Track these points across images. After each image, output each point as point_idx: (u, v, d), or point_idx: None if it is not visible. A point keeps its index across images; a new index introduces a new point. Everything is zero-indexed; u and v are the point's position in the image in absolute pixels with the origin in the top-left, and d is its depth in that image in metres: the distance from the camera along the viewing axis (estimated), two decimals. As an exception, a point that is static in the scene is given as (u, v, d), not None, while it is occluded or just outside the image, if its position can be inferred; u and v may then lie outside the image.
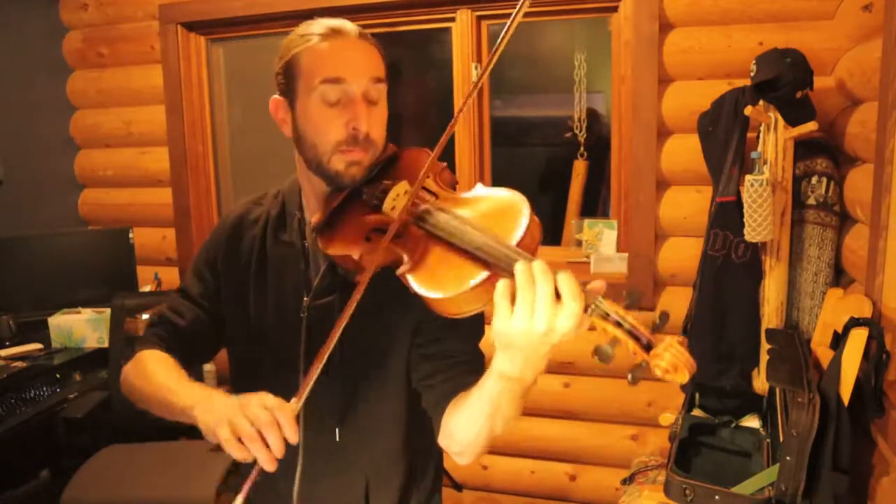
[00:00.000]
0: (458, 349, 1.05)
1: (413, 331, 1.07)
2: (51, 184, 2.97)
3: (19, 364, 2.28)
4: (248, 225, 1.17)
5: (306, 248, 1.11)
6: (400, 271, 0.90)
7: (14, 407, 2.12)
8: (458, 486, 2.67)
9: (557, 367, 2.45)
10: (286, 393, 0.97)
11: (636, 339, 0.74)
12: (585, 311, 0.75)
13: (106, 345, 2.45)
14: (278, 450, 0.83)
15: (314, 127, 1.01)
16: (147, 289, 2.82)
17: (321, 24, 1.02)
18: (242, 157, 3.00)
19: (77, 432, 2.25)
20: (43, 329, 2.48)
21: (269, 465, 0.83)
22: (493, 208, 0.92)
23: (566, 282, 0.75)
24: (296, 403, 0.87)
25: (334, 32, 1.01)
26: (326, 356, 0.88)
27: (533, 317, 0.74)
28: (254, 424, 0.83)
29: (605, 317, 0.75)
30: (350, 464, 1.10)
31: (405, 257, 0.91)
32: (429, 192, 1.00)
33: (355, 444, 1.09)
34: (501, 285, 0.76)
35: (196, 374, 1.09)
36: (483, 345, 1.08)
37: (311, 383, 0.87)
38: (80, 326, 2.48)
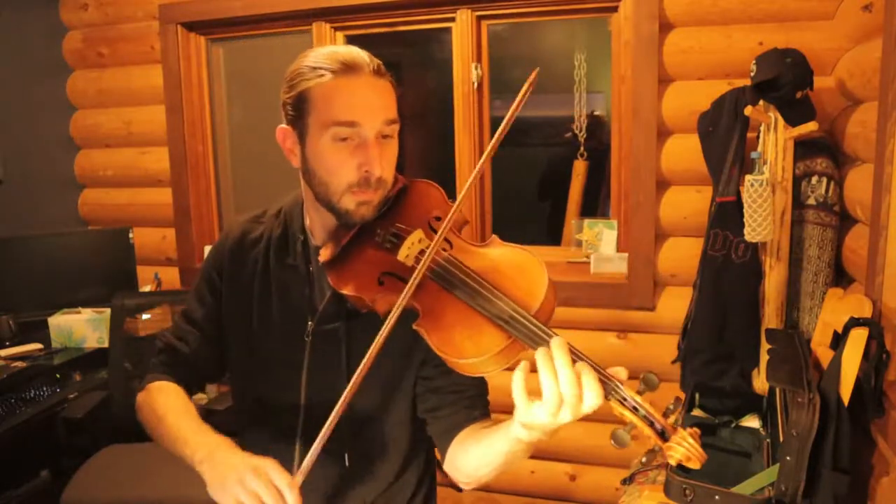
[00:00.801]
0: (464, 383, 1.06)
1: (420, 362, 1.07)
2: (51, 184, 2.97)
3: (19, 364, 2.28)
4: (250, 245, 1.15)
5: (311, 272, 1.10)
6: (417, 326, 0.90)
7: (14, 407, 2.12)
8: (458, 487, 2.67)
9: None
10: (286, 417, 0.99)
11: (651, 425, 0.78)
12: (605, 397, 0.78)
13: (106, 345, 2.45)
14: None
15: (326, 167, 0.99)
16: (147, 289, 2.82)
17: (334, 58, 0.98)
18: (242, 157, 3.00)
19: (77, 432, 2.25)
20: (43, 329, 2.48)
21: None
22: (513, 268, 0.92)
23: (588, 377, 0.77)
24: (300, 478, 0.89)
25: (348, 69, 0.97)
26: (333, 426, 0.89)
27: (558, 412, 0.77)
28: (257, 497, 0.86)
29: (623, 402, 0.79)
30: (354, 488, 1.11)
31: (420, 309, 0.91)
32: (445, 240, 0.98)
33: (362, 470, 1.10)
34: (517, 382, 0.78)
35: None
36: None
37: (315, 458, 0.89)
38: (80, 326, 2.48)
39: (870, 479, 1.46)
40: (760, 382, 1.97)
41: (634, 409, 0.78)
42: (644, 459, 0.80)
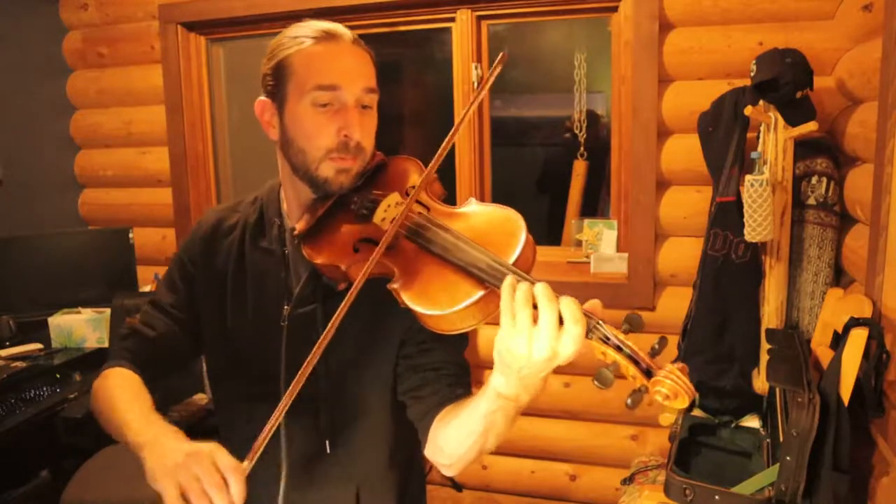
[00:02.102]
0: (446, 360, 1.04)
1: (400, 341, 1.05)
2: (51, 184, 2.97)
3: (19, 364, 2.28)
4: (225, 232, 1.14)
5: (286, 255, 1.09)
6: (392, 286, 0.89)
7: (14, 407, 2.11)
8: (458, 487, 2.67)
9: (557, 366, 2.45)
10: (266, 403, 0.97)
11: (636, 363, 0.74)
12: (586, 335, 0.74)
13: (106, 345, 2.45)
14: None
15: (304, 132, 0.98)
16: (147, 289, 2.81)
17: (314, 27, 0.99)
18: (242, 157, 3.00)
19: (77, 432, 2.25)
20: (43, 329, 2.48)
21: None
22: (489, 224, 0.91)
23: (569, 306, 0.73)
24: (247, 465, 0.85)
25: (328, 36, 0.98)
26: (295, 393, 0.86)
27: (535, 342, 0.73)
28: (199, 482, 0.81)
29: (606, 340, 0.75)
30: (340, 476, 1.09)
31: (396, 271, 0.90)
32: (421, 204, 0.98)
33: (346, 457, 1.08)
34: (504, 313, 0.75)
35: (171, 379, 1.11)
36: (475, 355, 1.08)
37: (265, 442, 0.85)
38: (80, 326, 2.48)
39: (870, 479, 1.46)
40: (760, 382, 1.97)
41: (618, 348, 0.74)
42: (629, 401, 0.74)
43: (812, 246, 1.90)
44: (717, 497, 1.51)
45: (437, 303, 0.83)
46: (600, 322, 0.76)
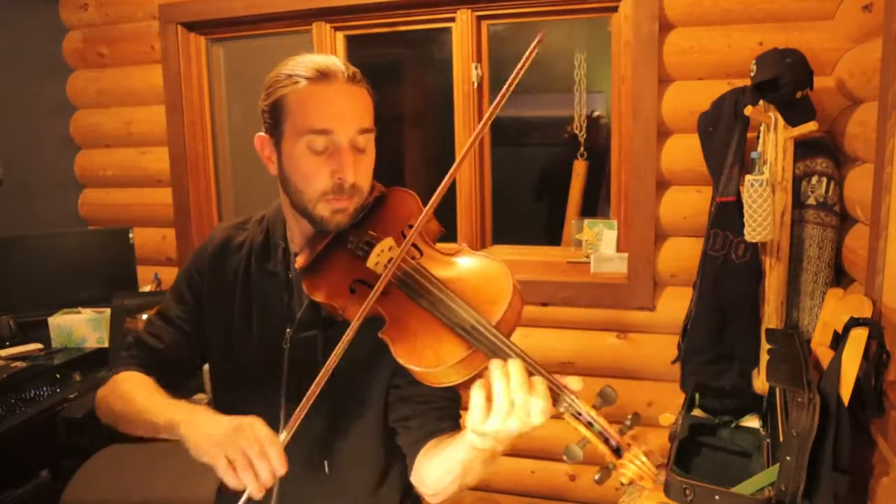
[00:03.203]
0: (434, 393, 1.04)
1: (392, 371, 1.07)
2: (51, 184, 2.97)
3: (19, 364, 2.28)
4: (233, 250, 1.16)
5: (291, 279, 1.10)
6: (383, 335, 0.91)
7: (14, 407, 2.11)
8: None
9: (557, 367, 2.45)
10: (266, 418, 0.98)
11: (605, 441, 0.77)
12: (556, 405, 0.78)
13: (106, 345, 2.45)
14: (268, 480, 0.85)
15: (300, 174, 1.00)
16: (147, 289, 2.81)
17: (309, 65, 0.99)
18: (242, 157, 3.00)
19: (77, 432, 2.25)
20: (43, 329, 2.48)
21: (257, 495, 0.86)
22: (478, 278, 0.92)
23: (540, 388, 0.77)
24: (285, 435, 0.89)
25: (322, 76, 0.98)
26: (315, 395, 0.89)
27: (507, 420, 0.76)
28: (245, 454, 0.85)
29: (577, 416, 0.78)
30: (331, 497, 1.10)
31: (387, 318, 0.92)
32: (415, 247, 0.99)
33: (338, 479, 1.10)
34: (476, 394, 0.78)
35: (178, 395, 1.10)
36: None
37: (301, 419, 0.89)
38: (80, 326, 2.48)
39: (870, 479, 1.46)
40: (760, 382, 1.97)
41: (589, 424, 0.78)
42: (597, 477, 0.79)
43: (812, 246, 1.90)
44: (717, 497, 1.51)
45: (423, 360, 0.86)
46: (574, 398, 0.79)
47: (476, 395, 0.78)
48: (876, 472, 1.44)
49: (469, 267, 0.94)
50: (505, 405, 0.76)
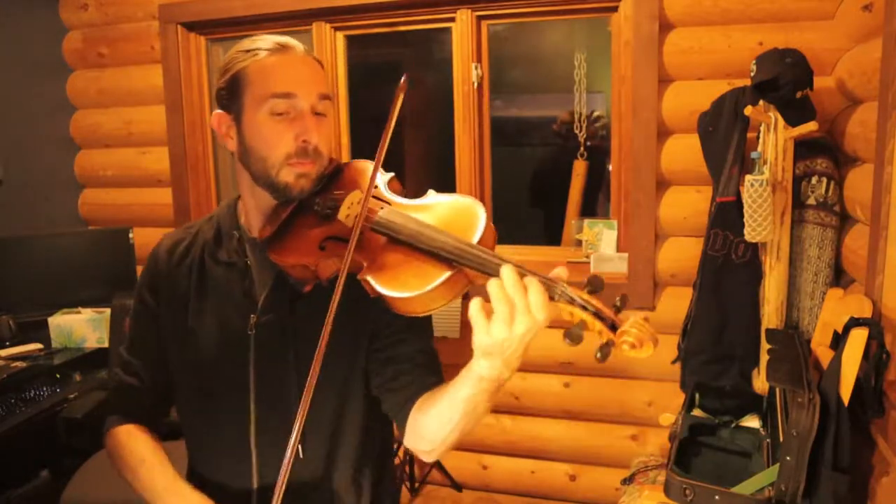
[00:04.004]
0: (418, 350, 1.06)
1: (370, 336, 1.07)
2: (51, 184, 2.97)
3: (19, 364, 2.28)
4: (181, 255, 1.15)
5: (248, 265, 1.10)
6: (362, 276, 0.91)
7: (14, 407, 2.11)
8: (458, 486, 2.67)
9: (557, 367, 2.46)
10: (238, 413, 1.00)
11: (602, 319, 0.79)
12: (552, 298, 0.80)
13: (106, 345, 2.45)
14: None
15: (263, 140, 1.01)
16: (147, 289, 2.81)
17: (267, 40, 1.03)
18: (242, 157, 3.00)
19: (77, 432, 2.25)
20: (43, 329, 2.48)
21: None
22: (450, 211, 0.95)
23: (534, 284, 0.79)
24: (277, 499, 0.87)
25: (281, 48, 1.02)
26: (308, 404, 0.87)
27: (512, 325, 0.78)
28: None
29: (571, 301, 0.80)
30: (312, 482, 1.08)
31: (364, 263, 0.92)
32: (382, 200, 1.01)
33: (317, 462, 1.08)
34: (474, 305, 0.80)
35: None
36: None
37: (288, 470, 0.87)
38: (80, 326, 2.48)
39: (870, 479, 1.46)
40: (760, 382, 1.97)
41: (583, 307, 0.79)
42: (599, 355, 0.78)
43: (812, 246, 1.90)
44: (717, 497, 1.51)
45: (409, 286, 0.87)
46: (565, 286, 0.81)
47: (475, 309, 0.80)
48: (876, 472, 1.44)
49: (439, 202, 0.98)
50: (506, 308, 0.78)
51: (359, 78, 2.81)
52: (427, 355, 1.07)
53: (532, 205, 3.39)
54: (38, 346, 2.43)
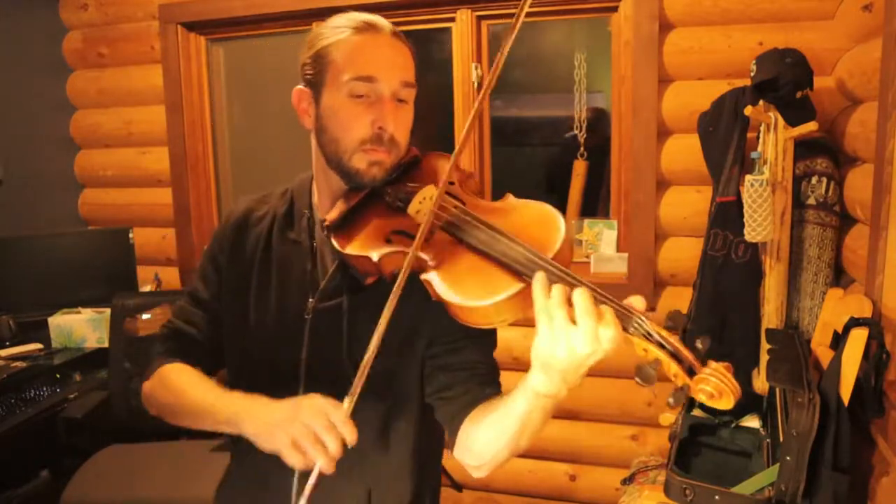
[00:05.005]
0: (476, 360, 1.02)
1: (428, 342, 1.03)
2: (51, 184, 2.97)
3: (19, 364, 2.28)
4: (254, 222, 1.13)
5: (314, 247, 1.08)
6: (424, 276, 0.87)
7: (14, 407, 2.11)
8: (458, 486, 2.67)
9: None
10: (285, 393, 0.94)
11: (679, 361, 0.72)
12: (626, 330, 0.74)
13: (106, 345, 2.45)
14: (337, 452, 0.83)
15: (339, 122, 0.98)
16: (147, 289, 2.81)
17: (355, 18, 1.00)
18: (242, 157, 3.00)
19: (77, 432, 2.25)
20: (43, 329, 2.48)
21: (329, 469, 0.82)
22: (527, 218, 0.90)
23: (608, 315, 0.74)
24: (349, 402, 0.84)
25: (368, 27, 0.99)
26: (373, 357, 0.83)
27: (575, 342, 0.73)
28: (310, 430, 0.83)
29: (647, 337, 0.74)
30: (351, 475, 1.03)
31: (430, 263, 0.88)
32: (456, 198, 0.96)
33: (359, 455, 1.02)
34: (542, 319, 0.75)
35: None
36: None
37: (362, 383, 0.83)
38: (80, 326, 2.48)
39: (870, 479, 1.46)
40: (760, 382, 1.97)
41: (661, 345, 0.73)
42: (671, 400, 0.73)
43: (812, 246, 1.90)
44: (717, 497, 1.51)
45: (474, 294, 0.81)
46: (642, 318, 0.75)
47: (542, 322, 0.75)
48: (876, 472, 1.44)
49: (517, 209, 0.93)
50: (573, 329, 0.73)
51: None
52: (486, 367, 1.03)
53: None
54: (38, 346, 2.43)
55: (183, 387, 1.05)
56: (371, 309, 0.89)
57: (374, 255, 0.92)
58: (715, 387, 0.69)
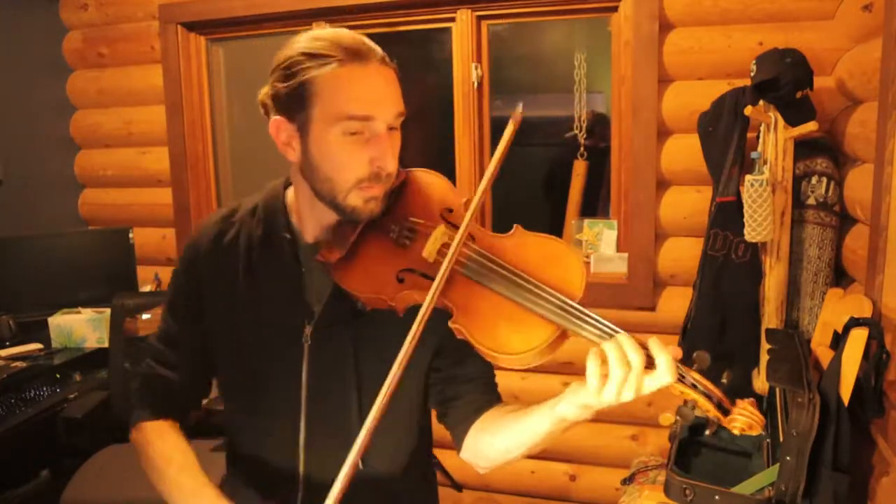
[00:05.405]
0: (479, 371, 1.04)
1: (433, 354, 1.04)
2: (51, 184, 2.97)
3: (19, 364, 2.28)
4: (227, 248, 1.06)
5: (303, 272, 1.02)
6: (453, 324, 0.86)
7: (14, 407, 2.11)
8: (458, 487, 2.67)
9: (557, 366, 2.45)
10: (286, 429, 0.97)
11: (710, 399, 0.79)
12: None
13: (106, 345, 2.44)
14: None
15: (333, 162, 0.92)
16: (147, 289, 2.81)
17: (337, 43, 0.90)
18: (242, 157, 3.00)
19: (77, 432, 2.25)
20: (43, 329, 2.48)
21: None
22: (545, 257, 0.89)
23: (663, 355, 0.77)
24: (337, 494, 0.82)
25: (355, 55, 0.90)
26: (379, 416, 0.82)
27: (623, 391, 0.77)
28: None
29: (682, 379, 0.79)
30: (367, 490, 1.03)
31: (453, 307, 0.87)
32: (469, 235, 0.93)
33: (373, 471, 1.05)
34: (593, 367, 0.78)
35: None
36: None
37: (348, 480, 0.81)
38: (80, 326, 2.48)
39: (870, 479, 1.46)
40: (760, 382, 1.97)
41: (694, 387, 0.79)
42: (708, 432, 0.88)
43: (812, 246, 1.90)
44: (717, 497, 1.51)
45: (510, 347, 0.83)
46: (677, 363, 0.80)
47: (592, 370, 0.78)
48: (876, 472, 1.44)
49: (533, 247, 0.92)
50: (622, 377, 0.76)
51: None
52: (488, 376, 1.06)
53: (532, 204, 3.39)
54: (38, 346, 2.43)
55: (164, 464, 1.05)
56: (376, 334, 0.90)
57: (387, 297, 0.91)
58: (745, 423, 0.79)
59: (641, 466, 2.22)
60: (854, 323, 1.45)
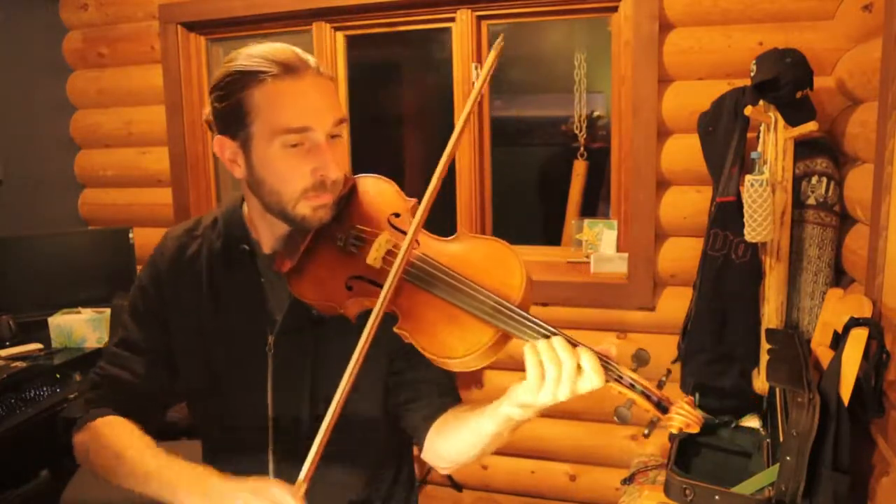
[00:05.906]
0: (434, 374, 1.04)
1: (389, 359, 1.05)
2: (51, 184, 2.96)
3: (19, 364, 2.28)
4: (189, 260, 1.08)
5: (262, 283, 1.05)
6: (398, 329, 0.88)
7: (14, 407, 2.11)
8: (458, 487, 2.67)
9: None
10: (255, 436, 0.98)
11: (649, 399, 0.81)
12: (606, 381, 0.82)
13: (106, 345, 2.45)
14: None
15: (277, 174, 0.93)
16: (147, 289, 2.81)
17: (271, 58, 0.92)
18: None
19: (77, 432, 2.25)
20: (43, 329, 2.48)
21: None
22: (487, 260, 0.91)
23: (589, 359, 0.81)
24: (302, 485, 0.84)
25: (288, 69, 0.91)
26: (332, 426, 0.85)
27: (558, 390, 0.81)
28: None
29: (619, 380, 0.82)
30: (335, 487, 1.07)
31: (399, 313, 0.89)
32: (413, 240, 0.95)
33: (340, 469, 1.07)
34: (532, 369, 0.81)
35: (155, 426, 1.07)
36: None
37: (317, 461, 0.84)
38: (80, 326, 2.48)
39: (870, 479, 1.46)
40: (760, 382, 1.97)
41: (631, 386, 0.81)
42: (646, 432, 0.84)
43: (812, 246, 1.90)
44: (717, 497, 1.51)
45: (452, 350, 0.85)
46: (614, 364, 0.82)
47: (533, 378, 0.81)
48: (876, 472, 1.44)
49: (475, 250, 0.93)
50: (557, 379, 0.80)
51: (359, 78, 2.81)
52: (445, 378, 1.06)
53: (532, 205, 3.40)
54: (38, 346, 2.43)
55: (121, 447, 1.01)
56: (334, 338, 0.92)
57: (338, 305, 0.94)
58: (682, 422, 0.80)
59: (641, 466, 2.22)
60: (854, 323, 1.45)
